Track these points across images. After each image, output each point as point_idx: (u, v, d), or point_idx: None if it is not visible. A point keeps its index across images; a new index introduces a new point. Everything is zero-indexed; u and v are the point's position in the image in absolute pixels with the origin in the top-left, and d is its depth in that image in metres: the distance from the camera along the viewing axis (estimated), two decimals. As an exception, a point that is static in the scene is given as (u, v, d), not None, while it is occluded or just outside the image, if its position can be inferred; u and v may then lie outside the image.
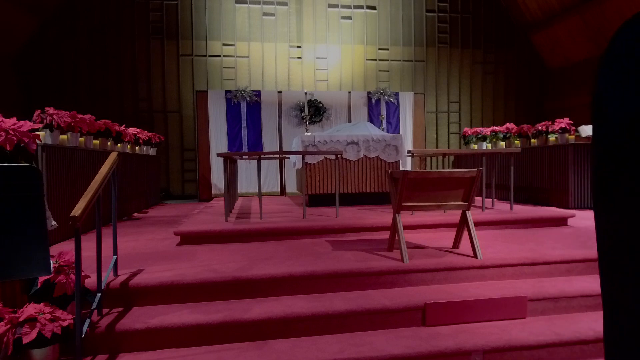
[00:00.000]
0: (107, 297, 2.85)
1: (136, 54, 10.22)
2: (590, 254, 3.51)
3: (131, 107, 10.21)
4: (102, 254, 2.83)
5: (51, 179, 4.34)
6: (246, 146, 9.69)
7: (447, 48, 11.32)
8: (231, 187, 6.03)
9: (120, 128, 6.43)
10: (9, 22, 8.83)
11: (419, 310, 2.87)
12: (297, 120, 9.94)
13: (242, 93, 9.71)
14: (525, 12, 11.14)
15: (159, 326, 2.61)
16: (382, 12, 11.06)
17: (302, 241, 4.27)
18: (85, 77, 10.02)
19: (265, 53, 10.60)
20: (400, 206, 3.48)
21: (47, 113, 4.52)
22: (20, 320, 2.29)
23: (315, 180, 6.08)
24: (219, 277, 3.03)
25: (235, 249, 3.98)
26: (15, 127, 2.81)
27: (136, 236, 4.83)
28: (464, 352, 2.55)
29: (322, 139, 6.18)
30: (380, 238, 4.29)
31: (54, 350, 2.36)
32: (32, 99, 9.59)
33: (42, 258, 1.35)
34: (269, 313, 2.75)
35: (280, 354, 2.51)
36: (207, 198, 9.44)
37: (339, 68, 10.91)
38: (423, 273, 3.27)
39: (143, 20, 10.22)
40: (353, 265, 3.25)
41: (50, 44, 9.84)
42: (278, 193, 9.73)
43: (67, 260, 2.60)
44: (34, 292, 2.50)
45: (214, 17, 10.41)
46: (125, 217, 6.42)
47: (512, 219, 4.87)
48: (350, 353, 2.50)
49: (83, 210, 2.35)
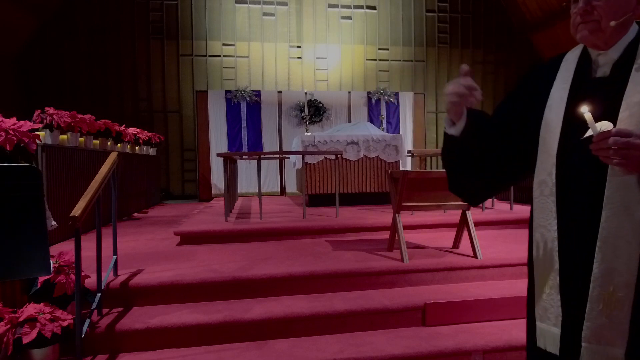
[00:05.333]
0: (107, 297, 2.85)
1: (136, 54, 10.21)
2: None
3: (131, 107, 10.21)
4: (102, 254, 2.83)
5: (51, 179, 4.34)
6: (246, 146, 9.69)
7: (447, 48, 11.32)
8: (231, 187, 6.03)
9: (120, 128, 6.43)
10: (9, 22, 8.83)
11: (419, 310, 2.87)
12: (297, 120, 9.94)
13: (242, 93, 9.71)
14: (525, 12, 11.14)
15: (159, 326, 2.61)
16: (382, 12, 11.06)
17: (302, 241, 4.26)
18: (85, 77, 10.02)
19: (265, 53, 10.60)
20: (400, 206, 3.48)
21: (47, 113, 4.51)
22: (20, 320, 2.29)
23: (315, 180, 6.08)
24: (219, 277, 3.03)
25: (235, 249, 3.98)
26: (15, 127, 2.80)
27: (136, 236, 4.83)
28: (464, 352, 2.55)
29: (322, 139, 6.18)
30: (380, 238, 4.29)
31: (54, 350, 2.36)
32: (32, 99, 9.59)
33: (42, 258, 1.35)
34: (269, 313, 2.75)
35: (280, 354, 2.51)
36: (207, 198, 9.44)
37: (339, 68, 10.91)
38: (423, 273, 3.27)
39: (143, 20, 10.22)
40: (353, 265, 3.25)
41: (50, 44, 9.84)
42: (278, 193, 9.73)
43: (67, 260, 2.60)
44: (34, 292, 2.50)
45: (214, 17, 10.41)
46: (125, 217, 6.42)
47: (512, 219, 4.86)
48: (350, 353, 2.50)
49: (83, 210, 2.35)
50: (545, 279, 1.27)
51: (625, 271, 1.12)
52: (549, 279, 1.26)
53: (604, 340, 1.15)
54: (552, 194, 1.25)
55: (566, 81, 1.29)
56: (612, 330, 1.14)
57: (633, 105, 1.14)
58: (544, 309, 1.28)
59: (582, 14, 1.22)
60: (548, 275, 1.26)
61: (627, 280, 1.12)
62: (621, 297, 1.13)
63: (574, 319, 1.20)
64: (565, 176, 1.22)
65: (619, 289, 1.13)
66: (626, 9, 1.19)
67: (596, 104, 1.14)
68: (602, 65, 1.24)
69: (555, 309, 1.25)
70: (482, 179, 1.43)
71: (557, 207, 1.24)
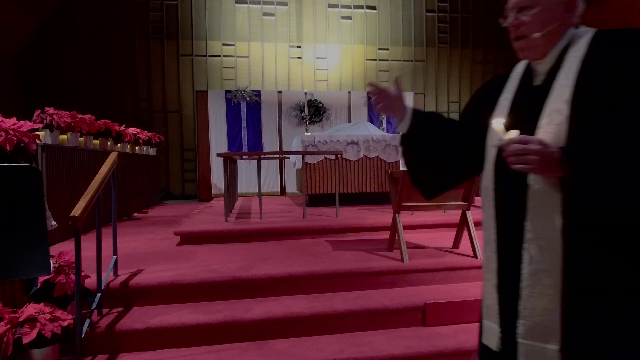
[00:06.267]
0: (107, 297, 2.85)
1: (136, 54, 10.21)
2: None
3: (131, 107, 10.21)
4: (102, 254, 2.83)
5: (51, 179, 4.34)
6: (246, 146, 9.69)
7: (447, 48, 11.32)
8: (231, 187, 6.03)
9: (120, 128, 6.43)
10: (9, 22, 8.83)
11: (419, 310, 2.87)
12: (297, 120, 9.94)
13: (242, 93, 9.71)
14: (525, 12, 11.13)
15: (159, 326, 2.61)
16: (382, 12, 11.06)
17: (302, 241, 4.26)
18: (85, 77, 10.02)
19: (265, 53, 10.60)
20: (400, 206, 3.48)
21: (47, 113, 4.51)
22: (20, 320, 2.29)
23: (315, 180, 6.08)
24: (219, 277, 3.03)
25: (235, 249, 3.98)
26: (15, 127, 2.80)
27: (136, 236, 4.83)
28: (464, 352, 2.55)
29: (322, 139, 6.18)
30: (380, 238, 4.29)
31: (54, 350, 2.36)
32: (32, 99, 9.58)
33: (42, 258, 1.35)
34: (269, 313, 2.76)
35: (280, 354, 2.51)
36: (207, 198, 9.44)
37: (339, 68, 10.91)
38: (423, 273, 3.27)
39: (143, 20, 10.22)
40: (353, 265, 3.25)
41: (50, 44, 9.84)
42: (278, 193, 9.72)
43: (67, 260, 2.60)
44: (34, 292, 2.50)
45: (214, 17, 10.40)
46: (125, 217, 6.42)
47: (512, 219, 4.85)
48: (350, 353, 2.50)
49: (83, 210, 2.35)
50: (488, 278, 1.35)
51: (552, 271, 1.18)
52: (490, 278, 1.34)
53: (538, 337, 1.21)
54: (492, 198, 1.33)
55: (511, 90, 1.36)
56: (544, 328, 1.20)
57: (551, 113, 1.19)
58: (487, 307, 1.36)
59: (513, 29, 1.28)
60: (490, 275, 1.34)
61: (554, 280, 1.18)
62: (550, 296, 1.19)
63: (511, 316, 1.27)
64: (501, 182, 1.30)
65: (548, 288, 1.19)
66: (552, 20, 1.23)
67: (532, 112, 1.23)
68: (539, 74, 1.30)
69: (495, 307, 1.32)
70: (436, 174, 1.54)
71: (496, 211, 1.32)
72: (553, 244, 1.17)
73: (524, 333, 1.23)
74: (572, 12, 1.25)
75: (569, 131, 1.14)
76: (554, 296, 1.18)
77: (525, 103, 1.29)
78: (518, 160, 1.11)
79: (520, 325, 1.24)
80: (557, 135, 1.16)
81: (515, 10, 1.27)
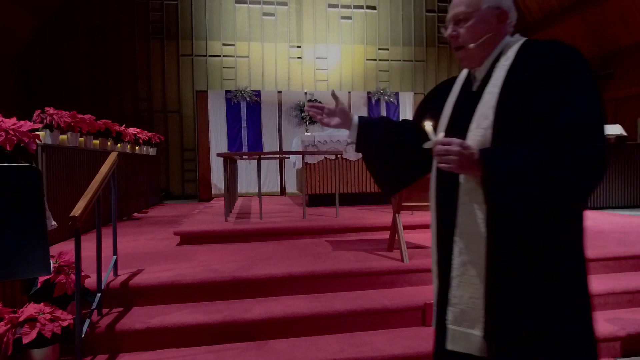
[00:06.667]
0: (107, 297, 2.85)
1: (136, 54, 10.22)
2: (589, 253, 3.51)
3: (131, 107, 10.21)
4: (102, 254, 2.83)
5: (51, 179, 4.34)
6: (246, 146, 9.69)
7: (447, 48, 11.31)
8: (231, 187, 6.03)
9: (120, 128, 6.43)
10: (9, 22, 8.83)
11: (419, 310, 2.87)
12: (297, 120, 9.94)
13: (242, 93, 9.71)
14: (525, 12, 11.14)
15: (159, 326, 2.61)
16: (382, 12, 11.06)
17: (302, 241, 4.26)
18: (85, 77, 10.02)
19: (265, 53, 10.60)
20: (400, 206, 3.48)
21: (47, 113, 4.51)
22: (20, 320, 2.29)
23: (315, 180, 6.08)
24: (219, 277, 3.03)
25: (235, 249, 3.98)
26: (15, 127, 2.80)
27: (136, 236, 4.83)
28: (464, 352, 2.55)
29: (322, 139, 6.18)
30: (380, 238, 4.29)
31: (54, 350, 2.36)
32: (32, 99, 9.59)
33: (42, 258, 1.35)
34: (269, 313, 2.75)
35: (280, 354, 2.51)
36: (207, 198, 9.44)
37: (339, 68, 10.91)
38: (423, 273, 3.27)
39: (143, 20, 10.22)
40: (353, 265, 3.25)
41: (50, 44, 9.84)
42: (278, 193, 9.73)
43: (67, 260, 2.60)
44: (34, 292, 2.50)
45: (214, 17, 10.41)
46: (125, 217, 6.42)
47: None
48: (350, 353, 2.50)
49: (83, 210, 2.35)
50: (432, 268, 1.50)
51: (477, 263, 1.29)
52: (434, 269, 1.49)
53: (465, 323, 1.33)
54: (434, 195, 1.46)
55: (454, 95, 1.46)
56: (470, 315, 1.31)
57: (479, 118, 1.29)
58: (434, 294, 1.50)
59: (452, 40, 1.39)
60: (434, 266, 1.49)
61: (478, 271, 1.29)
62: (476, 285, 1.30)
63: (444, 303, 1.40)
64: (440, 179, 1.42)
65: (473, 278, 1.30)
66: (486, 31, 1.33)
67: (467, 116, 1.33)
68: (477, 80, 1.39)
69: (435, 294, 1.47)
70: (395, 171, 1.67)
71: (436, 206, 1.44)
72: (478, 238, 1.28)
73: (452, 319, 1.35)
74: (504, 22, 1.35)
75: (494, 135, 1.25)
76: (478, 285, 1.29)
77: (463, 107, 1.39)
78: (441, 160, 1.22)
79: (450, 312, 1.36)
80: (483, 139, 1.26)
81: (453, 23, 1.37)
